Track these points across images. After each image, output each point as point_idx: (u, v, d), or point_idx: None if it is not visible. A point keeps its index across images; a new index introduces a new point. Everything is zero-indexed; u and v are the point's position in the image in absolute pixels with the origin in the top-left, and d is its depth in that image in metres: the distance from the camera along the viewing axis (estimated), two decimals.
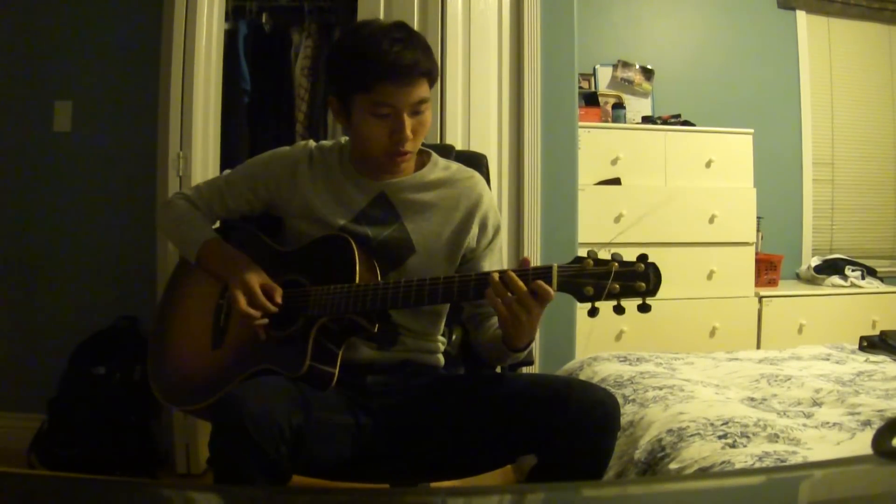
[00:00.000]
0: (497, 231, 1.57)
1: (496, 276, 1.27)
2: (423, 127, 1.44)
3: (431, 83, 1.44)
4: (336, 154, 1.56)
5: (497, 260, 1.57)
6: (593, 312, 1.24)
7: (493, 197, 1.58)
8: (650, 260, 1.23)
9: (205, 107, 2.45)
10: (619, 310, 1.23)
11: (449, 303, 1.50)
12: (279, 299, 1.42)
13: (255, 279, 1.43)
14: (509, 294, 1.25)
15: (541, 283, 1.24)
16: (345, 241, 1.43)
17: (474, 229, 1.52)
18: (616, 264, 1.21)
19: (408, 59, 1.36)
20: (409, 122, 1.40)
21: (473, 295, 1.31)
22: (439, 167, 1.56)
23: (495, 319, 1.45)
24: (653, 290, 1.21)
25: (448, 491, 1.24)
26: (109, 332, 2.54)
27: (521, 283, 1.25)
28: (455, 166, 1.58)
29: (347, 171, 1.53)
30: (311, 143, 1.59)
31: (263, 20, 3.02)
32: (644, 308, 1.21)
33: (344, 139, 1.60)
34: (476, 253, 1.53)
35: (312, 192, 1.51)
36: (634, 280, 1.21)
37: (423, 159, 1.56)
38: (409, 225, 1.50)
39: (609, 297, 1.21)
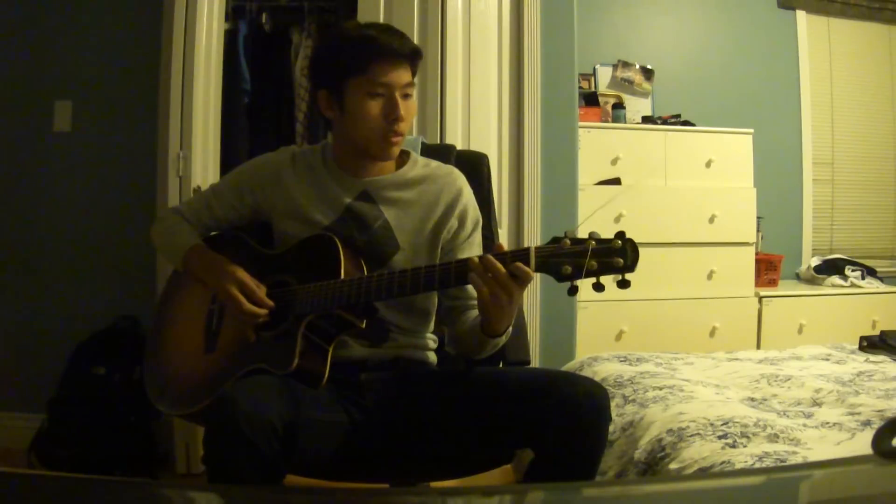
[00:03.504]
0: (476, 225, 1.60)
1: (476, 259, 1.29)
2: (412, 110, 1.52)
3: (414, 72, 1.51)
4: (319, 154, 1.59)
5: (476, 254, 1.57)
6: (573, 291, 1.25)
7: (472, 192, 1.63)
8: (636, 243, 1.23)
9: (205, 107, 2.45)
10: (598, 287, 1.24)
11: (431, 291, 1.52)
12: (262, 295, 1.46)
13: (247, 277, 1.46)
14: (490, 275, 1.28)
15: (519, 264, 1.26)
16: (329, 239, 1.46)
17: (452, 222, 1.56)
18: (593, 242, 1.22)
19: (397, 42, 1.46)
20: (401, 102, 1.46)
21: (455, 281, 1.33)
22: (419, 165, 1.60)
23: (472, 312, 1.50)
24: (630, 265, 1.21)
25: (448, 491, 1.24)
26: (109, 332, 2.54)
27: (500, 265, 1.27)
28: (434, 163, 1.62)
29: (331, 169, 1.57)
30: (294, 147, 1.63)
31: (263, 20, 3.02)
32: (623, 284, 1.22)
33: (323, 142, 1.63)
34: (454, 244, 1.56)
35: (297, 192, 1.54)
36: (612, 256, 1.21)
37: (402, 159, 1.60)
38: (393, 222, 1.53)
39: (587, 275, 1.22)
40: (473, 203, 1.61)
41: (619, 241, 1.22)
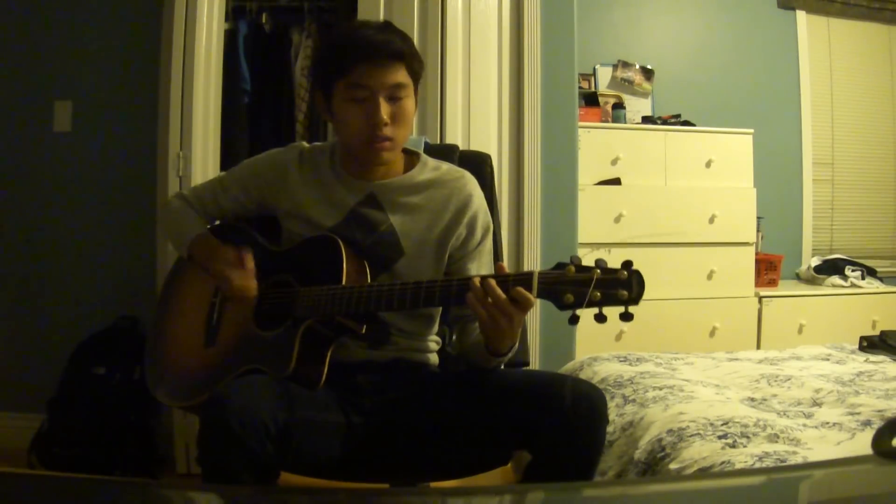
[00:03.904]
0: (486, 233, 1.55)
1: (476, 281, 1.26)
2: (404, 114, 1.43)
3: (410, 71, 1.43)
4: (327, 155, 1.56)
5: (486, 263, 1.55)
6: (574, 320, 1.20)
7: (483, 197, 1.57)
8: (634, 266, 1.19)
9: (205, 107, 2.45)
10: (600, 318, 1.19)
11: (431, 306, 1.49)
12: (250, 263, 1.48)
13: (246, 260, 1.47)
14: (489, 300, 1.24)
15: (520, 290, 1.23)
16: (333, 241, 1.44)
17: (461, 230, 1.51)
18: (598, 271, 1.18)
19: (381, 40, 1.39)
20: (385, 106, 1.40)
21: (455, 300, 1.30)
22: (429, 168, 1.55)
23: None
24: (635, 298, 1.16)
25: (448, 491, 1.24)
26: (109, 332, 2.54)
27: (499, 291, 1.24)
28: (445, 166, 1.57)
29: (337, 171, 1.54)
30: (304, 144, 1.60)
31: (263, 20, 3.02)
32: (626, 317, 1.17)
33: (333, 141, 1.61)
34: (462, 253, 1.52)
35: (302, 193, 1.52)
36: (616, 288, 1.17)
37: (412, 161, 1.56)
38: (399, 227, 1.49)
39: (590, 305, 1.18)
40: (485, 209, 1.55)
41: (626, 273, 1.17)
